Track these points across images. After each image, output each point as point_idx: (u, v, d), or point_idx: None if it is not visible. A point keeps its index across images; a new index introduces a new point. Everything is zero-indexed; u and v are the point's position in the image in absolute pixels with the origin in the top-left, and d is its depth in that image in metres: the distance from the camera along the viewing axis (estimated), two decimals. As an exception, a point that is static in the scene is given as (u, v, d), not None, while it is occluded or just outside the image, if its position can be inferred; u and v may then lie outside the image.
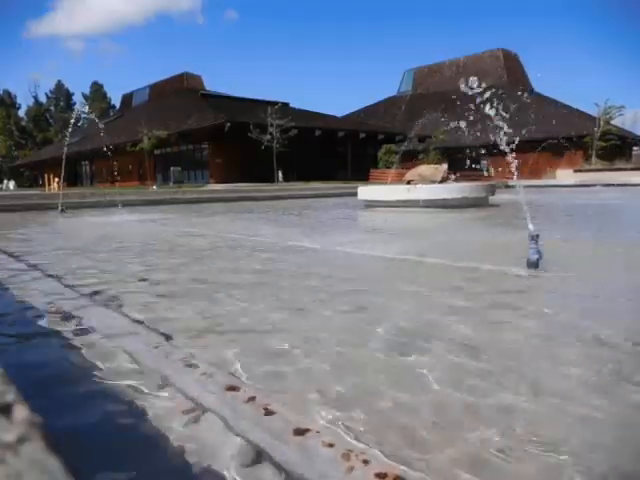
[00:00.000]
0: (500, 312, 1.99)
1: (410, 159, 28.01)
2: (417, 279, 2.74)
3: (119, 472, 0.91)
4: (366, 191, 9.23)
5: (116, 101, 60.60)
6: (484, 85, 2.80)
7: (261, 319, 1.88)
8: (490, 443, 0.99)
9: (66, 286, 2.46)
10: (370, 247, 4.04)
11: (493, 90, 2.66)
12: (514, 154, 2.93)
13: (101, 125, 14.89)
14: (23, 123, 63.19)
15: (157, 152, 33.21)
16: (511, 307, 2.07)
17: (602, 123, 33.05)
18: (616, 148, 32.84)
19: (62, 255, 3.79)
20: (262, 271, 2.95)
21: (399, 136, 33.93)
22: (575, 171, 28.76)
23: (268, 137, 27.10)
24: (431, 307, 2.09)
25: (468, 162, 33.97)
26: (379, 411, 1.13)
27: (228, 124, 27.67)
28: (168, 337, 1.62)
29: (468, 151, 33.69)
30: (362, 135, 35.03)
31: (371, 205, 8.85)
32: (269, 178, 26.57)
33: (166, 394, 1.19)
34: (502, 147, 2.92)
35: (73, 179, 42.27)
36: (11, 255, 3.59)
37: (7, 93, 62.30)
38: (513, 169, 2.94)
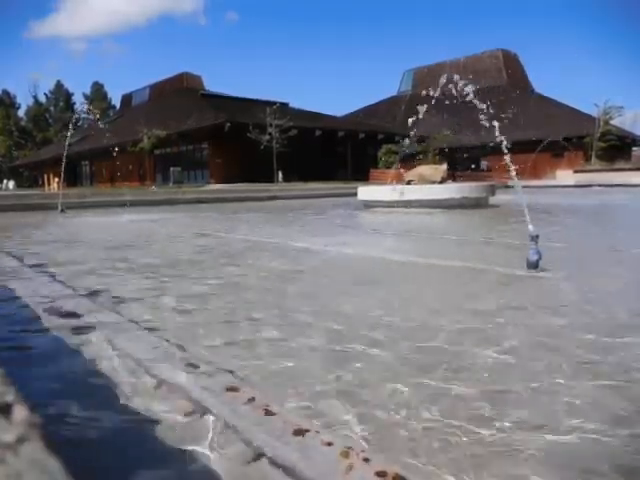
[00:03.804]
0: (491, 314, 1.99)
1: (411, 160, 28.00)
2: (419, 280, 2.74)
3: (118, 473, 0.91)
4: (366, 191, 9.22)
5: (117, 101, 60.58)
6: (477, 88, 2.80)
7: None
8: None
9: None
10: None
11: (493, 91, 2.66)
12: (513, 155, 2.93)
13: (102, 125, 14.88)
14: (23, 123, 63.12)
15: (157, 152, 33.19)
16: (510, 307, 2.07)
17: (602, 124, 33.07)
18: (616, 148, 32.85)
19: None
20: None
21: (399, 136, 33.90)
22: (575, 172, 28.74)
23: (267, 137, 27.09)
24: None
25: (468, 162, 34.03)
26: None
27: (228, 124, 27.64)
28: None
29: (467, 153, 33.74)
30: (362, 135, 35.00)
31: (371, 205, 8.83)
32: (269, 178, 26.54)
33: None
34: (502, 147, 2.92)
35: (73, 179, 42.19)
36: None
37: (7, 93, 62.29)
38: (512, 170, 2.94)
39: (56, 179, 24.39)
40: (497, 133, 2.89)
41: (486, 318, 1.87)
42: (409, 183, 9.20)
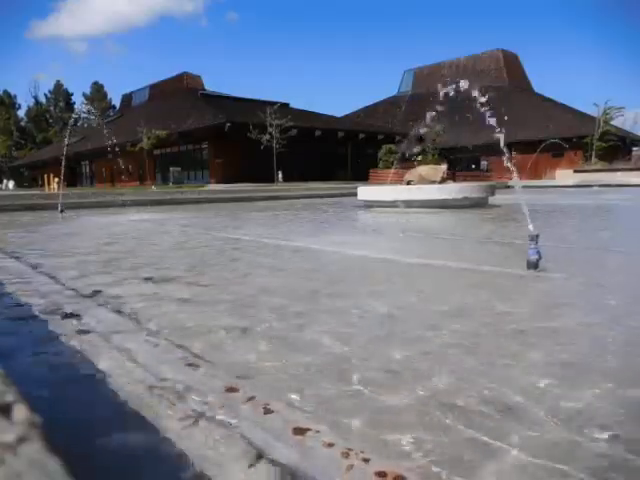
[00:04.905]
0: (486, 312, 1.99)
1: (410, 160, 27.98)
2: (419, 280, 2.75)
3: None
4: (367, 192, 9.21)
5: (117, 101, 60.59)
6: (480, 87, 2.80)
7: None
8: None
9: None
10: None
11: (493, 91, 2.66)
12: (513, 155, 2.93)
13: (104, 126, 14.91)
14: (23, 123, 63.19)
15: (157, 152, 33.22)
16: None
17: (602, 124, 33.10)
18: (616, 148, 32.88)
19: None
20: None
21: (399, 136, 33.92)
22: (575, 171, 28.77)
23: (267, 137, 27.11)
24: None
25: (468, 162, 34.03)
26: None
27: (228, 124, 27.68)
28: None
29: (467, 153, 33.74)
30: (362, 135, 35.04)
31: (372, 205, 8.83)
32: (269, 178, 26.56)
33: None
34: (502, 147, 2.92)
35: (73, 179, 42.24)
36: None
37: (7, 93, 62.32)
38: (512, 170, 2.94)
39: (56, 179, 24.40)
40: (497, 133, 2.89)
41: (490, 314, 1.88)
42: (409, 183, 9.20)
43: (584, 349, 1.55)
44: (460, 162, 33.00)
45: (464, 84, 2.91)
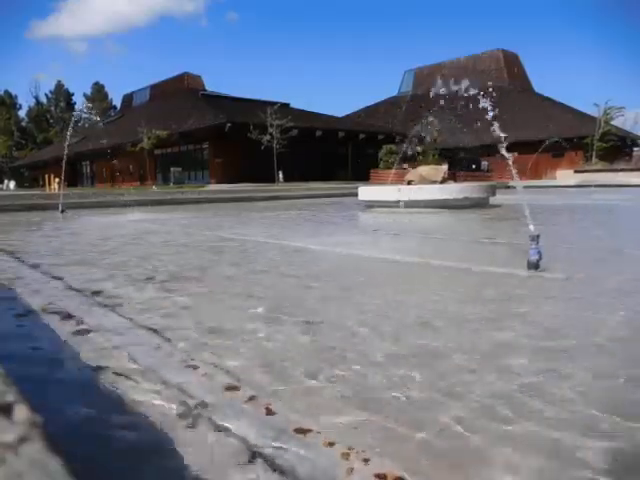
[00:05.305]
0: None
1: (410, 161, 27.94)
2: (422, 280, 2.75)
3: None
4: (368, 192, 9.19)
5: (118, 101, 60.55)
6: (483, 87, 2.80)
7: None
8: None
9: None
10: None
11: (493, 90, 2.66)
12: (514, 155, 2.93)
13: (101, 124, 14.92)
14: (24, 124, 63.16)
15: (157, 152, 33.19)
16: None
17: (602, 124, 33.07)
18: (616, 149, 32.86)
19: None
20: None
21: (399, 136, 33.88)
22: (575, 172, 28.74)
23: (268, 137, 27.09)
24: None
25: (468, 162, 33.97)
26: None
27: (228, 124, 27.66)
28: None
29: (468, 153, 33.70)
30: (362, 135, 35.00)
31: (373, 206, 8.81)
32: (269, 178, 26.54)
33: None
34: (502, 149, 2.91)
35: (73, 179, 42.21)
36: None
37: (8, 94, 62.32)
38: (513, 170, 2.94)
39: (57, 179, 24.40)
40: (498, 133, 2.89)
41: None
42: (410, 183, 9.19)
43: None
44: (461, 162, 32.94)
45: (463, 84, 2.91)
